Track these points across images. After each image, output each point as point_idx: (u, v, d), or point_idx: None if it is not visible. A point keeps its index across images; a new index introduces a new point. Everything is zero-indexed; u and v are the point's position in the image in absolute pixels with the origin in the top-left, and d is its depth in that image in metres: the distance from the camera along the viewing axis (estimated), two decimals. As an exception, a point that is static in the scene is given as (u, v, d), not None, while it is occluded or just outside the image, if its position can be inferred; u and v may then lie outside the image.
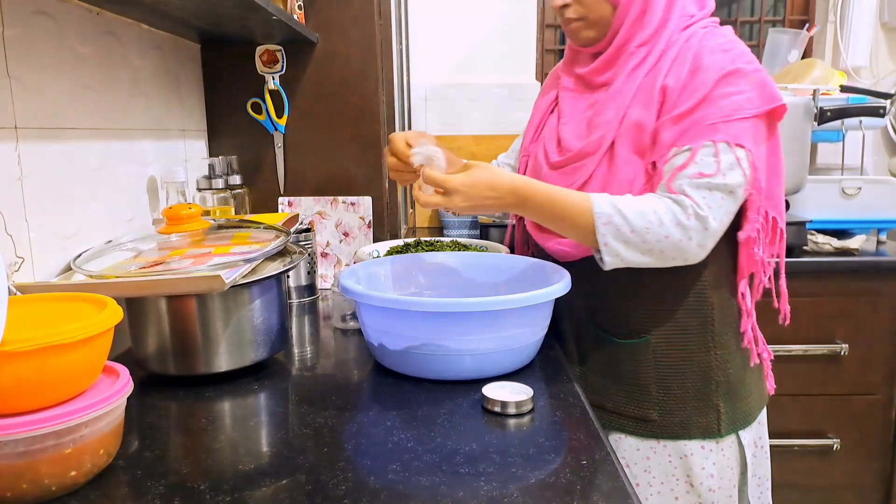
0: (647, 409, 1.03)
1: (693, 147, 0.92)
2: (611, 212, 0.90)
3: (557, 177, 1.04)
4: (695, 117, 0.93)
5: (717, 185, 0.90)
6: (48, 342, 0.60)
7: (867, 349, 1.85)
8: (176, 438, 0.78)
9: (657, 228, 0.90)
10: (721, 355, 1.02)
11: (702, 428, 1.01)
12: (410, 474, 0.67)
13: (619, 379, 1.04)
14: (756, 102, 0.93)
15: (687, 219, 0.90)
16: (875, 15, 2.35)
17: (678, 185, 0.91)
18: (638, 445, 1.04)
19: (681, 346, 1.02)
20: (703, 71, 0.93)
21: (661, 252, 0.91)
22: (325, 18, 1.49)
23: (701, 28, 1.00)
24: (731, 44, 0.97)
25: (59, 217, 0.99)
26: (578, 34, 1.04)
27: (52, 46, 0.98)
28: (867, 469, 1.92)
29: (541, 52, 2.50)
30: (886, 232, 2.01)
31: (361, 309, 0.96)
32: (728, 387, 1.02)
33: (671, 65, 0.97)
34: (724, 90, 0.92)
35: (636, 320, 1.03)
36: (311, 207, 1.54)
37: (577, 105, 1.07)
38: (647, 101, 0.97)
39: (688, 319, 1.02)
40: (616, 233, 0.90)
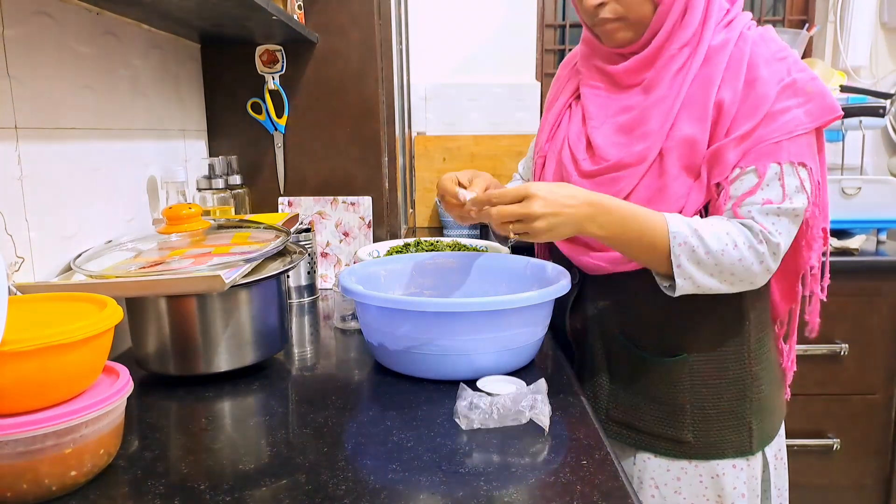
0: (682, 430, 0.98)
1: (758, 169, 0.88)
2: (687, 232, 0.86)
3: (590, 186, 0.95)
4: (758, 135, 0.89)
5: (785, 210, 0.88)
6: (48, 342, 0.60)
7: (867, 349, 1.85)
8: (176, 438, 0.78)
9: (732, 251, 0.86)
10: (756, 371, 0.99)
11: (735, 446, 0.98)
12: (410, 474, 0.67)
13: (653, 398, 0.99)
14: (816, 114, 0.90)
15: (759, 243, 0.87)
16: (875, 15, 2.35)
17: (746, 212, 0.89)
18: (668, 466, 0.99)
19: (717, 363, 0.98)
20: (761, 84, 0.89)
21: (732, 275, 0.88)
22: (325, 18, 1.49)
23: (746, 29, 0.94)
24: (784, 50, 0.92)
25: (59, 217, 0.99)
26: (614, 35, 0.96)
27: (52, 46, 0.98)
28: (867, 469, 1.92)
29: (541, 52, 2.50)
30: (886, 232, 2.01)
31: (361, 309, 0.96)
32: (760, 403, 0.99)
33: (724, 74, 0.91)
34: (784, 104, 0.89)
35: (672, 337, 0.98)
36: (311, 207, 1.54)
37: (607, 106, 1.00)
38: (699, 114, 0.91)
39: (725, 336, 0.98)
40: (691, 254, 0.86)
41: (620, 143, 0.96)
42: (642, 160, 0.93)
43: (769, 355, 1.02)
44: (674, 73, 0.93)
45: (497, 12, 2.42)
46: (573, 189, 0.87)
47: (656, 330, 0.99)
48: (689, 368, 0.97)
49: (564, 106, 1.07)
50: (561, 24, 2.52)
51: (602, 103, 1.00)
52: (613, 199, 0.89)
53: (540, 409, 0.77)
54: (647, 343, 0.99)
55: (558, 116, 1.07)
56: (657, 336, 0.99)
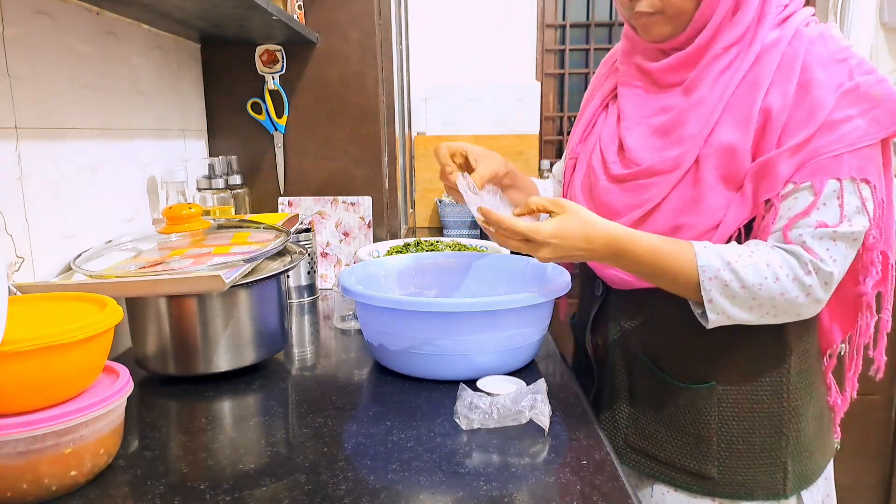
0: (706, 463, 0.89)
1: (815, 186, 0.78)
2: (718, 265, 0.79)
3: (618, 192, 0.89)
4: (814, 147, 0.78)
5: (842, 234, 0.79)
6: (48, 342, 0.60)
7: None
8: (176, 438, 0.78)
9: (772, 285, 0.78)
10: (796, 407, 0.89)
11: (765, 488, 0.88)
12: (410, 474, 0.67)
13: (676, 427, 0.90)
14: (884, 122, 0.79)
15: (806, 274, 0.79)
16: (875, 15, 2.35)
17: (796, 235, 0.79)
18: (689, 502, 0.91)
19: (751, 394, 0.88)
20: (817, 88, 0.79)
21: (774, 309, 0.80)
22: (325, 18, 1.49)
23: (803, 26, 0.84)
24: (845, 51, 0.81)
25: (59, 217, 0.99)
26: (650, 29, 0.88)
27: (52, 46, 0.98)
28: (867, 469, 1.92)
29: (541, 52, 2.50)
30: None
31: (361, 309, 0.96)
32: (798, 442, 0.89)
33: (773, 76, 0.81)
34: (845, 112, 0.78)
35: (700, 362, 0.89)
36: (311, 207, 1.54)
37: (644, 106, 0.92)
38: (742, 120, 0.82)
39: (762, 365, 0.88)
40: (723, 289, 0.79)
41: (654, 147, 0.88)
42: (676, 167, 0.85)
43: (814, 390, 0.92)
44: (717, 73, 0.85)
45: (497, 12, 2.42)
46: (589, 232, 0.80)
47: (683, 353, 0.90)
48: (717, 398, 0.88)
49: (600, 106, 1.00)
50: (561, 24, 2.52)
51: (639, 103, 0.93)
52: (633, 238, 0.81)
53: (540, 409, 0.76)
54: (672, 367, 0.91)
55: (593, 116, 1.00)
56: (684, 360, 0.90)
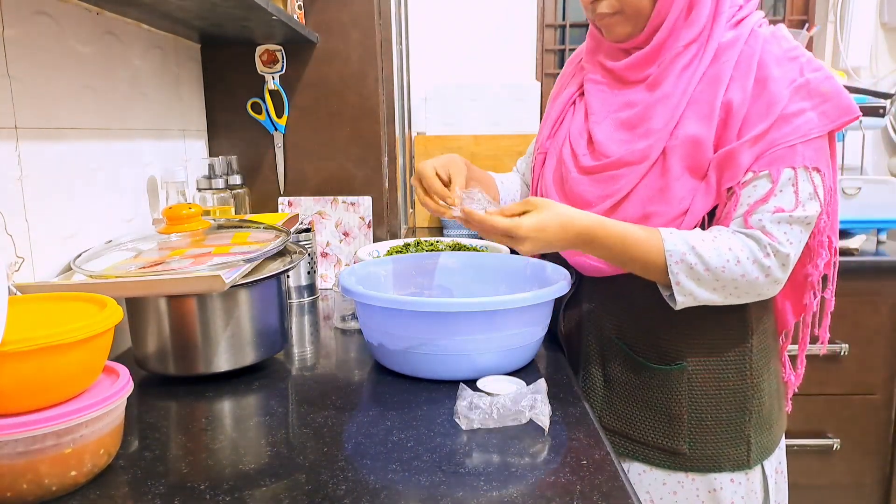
0: (678, 440, 0.95)
1: (772, 174, 0.86)
2: (683, 249, 0.85)
3: (589, 183, 0.95)
4: (772, 137, 0.85)
5: (797, 218, 0.86)
6: (48, 342, 0.60)
7: (867, 349, 1.85)
8: (176, 438, 0.78)
9: (734, 267, 0.85)
10: (758, 383, 0.96)
11: (732, 460, 0.95)
12: (410, 474, 0.67)
13: (649, 407, 0.97)
14: (831, 116, 0.86)
15: (765, 257, 0.85)
16: (875, 15, 2.35)
17: (756, 220, 0.86)
18: (664, 479, 0.97)
19: (718, 373, 0.95)
20: (773, 83, 0.86)
21: (737, 289, 0.87)
22: (325, 18, 1.49)
23: (757, 27, 0.91)
24: (797, 49, 0.89)
25: (59, 217, 0.99)
26: (613, 29, 0.94)
27: (52, 46, 0.98)
28: (867, 469, 1.92)
29: (541, 52, 2.50)
30: (886, 232, 2.01)
31: (361, 309, 0.96)
32: (761, 416, 0.96)
33: (732, 73, 0.88)
34: (798, 105, 0.85)
35: (671, 344, 0.95)
36: (311, 207, 1.54)
37: (609, 102, 0.97)
38: (705, 113, 0.88)
39: (727, 345, 0.95)
40: (689, 271, 0.85)
41: (622, 140, 0.93)
42: (644, 158, 0.91)
43: (772, 367, 0.99)
44: (680, 70, 0.91)
45: (497, 12, 2.42)
46: (565, 222, 0.85)
47: (655, 336, 0.96)
48: (687, 377, 0.95)
49: (568, 102, 1.04)
50: (561, 24, 2.52)
51: (604, 98, 0.98)
52: (605, 226, 0.86)
53: (540, 409, 0.77)
54: (644, 349, 0.97)
55: (561, 112, 1.05)
56: (656, 342, 0.96)
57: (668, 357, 0.96)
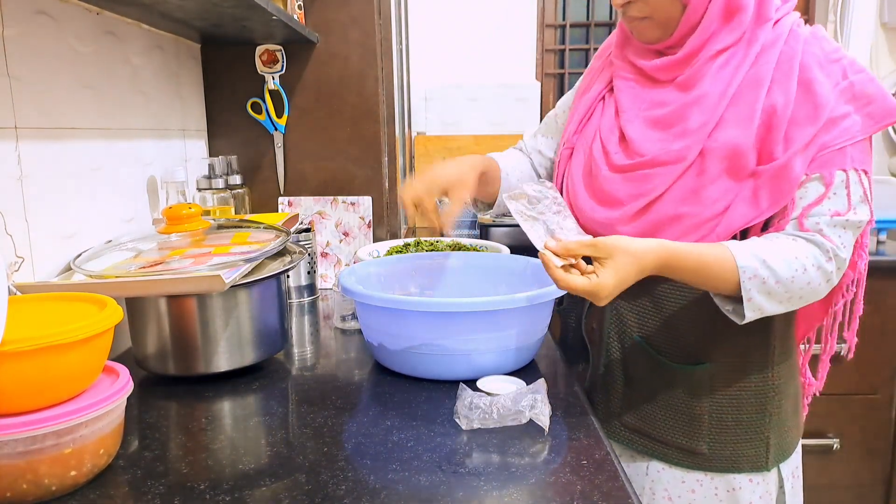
0: (697, 440, 0.94)
1: (825, 177, 0.85)
2: (755, 264, 0.82)
3: (621, 181, 0.92)
4: (821, 142, 0.85)
5: (851, 223, 0.86)
6: (48, 342, 0.60)
7: (867, 349, 1.85)
8: (176, 438, 0.78)
9: (801, 276, 0.83)
10: (778, 385, 0.95)
11: (751, 461, 0.94)
12: (410, 474, 0.67)
13: (669, 406, 0.95)
14: (877, 117, 0.86)
15: (827, 262, 0.84)
16: (875, 15, 2.35)
17: (813, 223, 0.85)
18: (683, 477, 0.95)
19: (740, 374, 0.93)
20: (818, 86, 0.85)
21: (801, 299, 0.85)
22: (325, 18, 1.49)
23: (796, 27, 0.89)
24: (838, 51, 0.88)
25: (59, 217, 0.99)
26: (642, 33, 0.93)
27: (52, 46, 0.98)
28: (867, 469, 1.92)
29: (541, 52, 2.50)
30: (886, 232, 2.01)
31: (361, 309, 0.96)
32: (779, 418, 0.95)
33: (773, 75, 0.86)
34: (844, 109, 0.85)
35: (695, 344, 0.93)
36: (311, 207, 1.54)
37: (640, 98, 0.95)
38: (745, 117, 0.86)
39: (749, 345, 0.93)
40: (761, 286, 0.82)
41: (656, 139, 0.91)
42: (681, 159, 0.88)
43: (792, 370, 0.98)
44: (717, 69, 0.89)
45: (497, 12, 2.42)
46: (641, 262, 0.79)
47: (679, 336, 0.94)
48: (710, 378, 0.93)
49: (597, 98, 1.02)
50: (561, 24, 2.52)
51: (635, 95, 0.96)
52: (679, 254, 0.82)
53: (540, 409, 0.76)
54: (668, 349, 0.95)
55: (590, 108, 1.02)
56: (679, 342, 0.94)
57: (692, 357, 0.94)
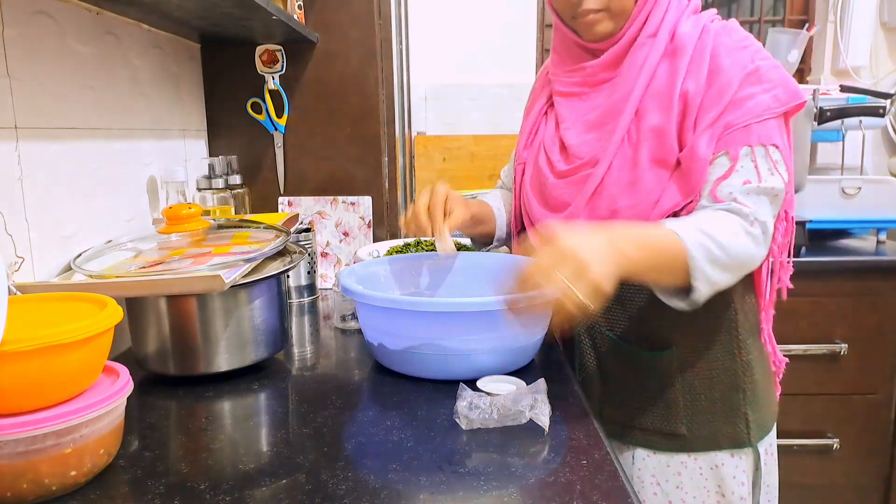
0: (676, 423, 0.97)
1: (730, 153, 0.88)
2: (697, 236, 0.82)
3: (564, 186, 0.98)
4: (725, 121, 0.88)
5: (763, 189, 0.87)
6: (48, 342, 0.60)
7: (867, 349, 1.85)
8: (176, 438, 0.78)
9: (736, 241, 0.84)
10: (747, 361, 0.98)
11: (731, 437, 0.97)
12: (410, 474, 0.67)
13: (645, 394, 0.99)
14: (782, 99, 0.89)
15: (751, 226, 0.86)
16: (875, 15, 2.35)
17: (726, 194, 0.87)
18: (668, 462, 0.99)
19: (708, 354, 0.97)
20: (725, 72, 0.89)
21: (741, 266, 0.86)
22: (325, 18, 1.49)
23: (709, 22, 0.95)
24: (747, 39, 0.93)
25: (59, 217, 0.99)
26: (594, 27, 0.95)
27: (52, 46, 0.98)
28: (867, 469, 1.92)
29: (541, 52, 2.49)
30: (886, 232, 2.01)
31: (361, 309, 0.96)
32: (754, 393, 0.98)
33: (688, 66, 0.91)
34: (749, 91, 0.89)
35: (660, 330, 0.97)
36: (311, 207, 1.54)
37: (578, 108, 1.01)
38: (664, 105, 0.91)
39: (713, 326, 0.97)
40: (707, 255, 0.82)
41: (591, 140, 0.97)
42: (612, 154, 0.94)
43: (760, 346, 1.02)
44: (639, 66, 0.94)
45: (497, 12, 2.42)
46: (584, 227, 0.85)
47: (643, 325, 0.98)
48: (679, 362, 0.97)
49: (540, 113, 1.08)
50: (561, 24, 2.52)
51: (574, 106, 1.01)
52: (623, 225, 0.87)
53: (540, 409, 0.76)
54: (634, 338, 0.98)
55: (534, 124, 1.09)
56: (645, 331, 0.98)
57: (658, 344, 0.97)
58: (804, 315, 1.80)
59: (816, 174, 2.18)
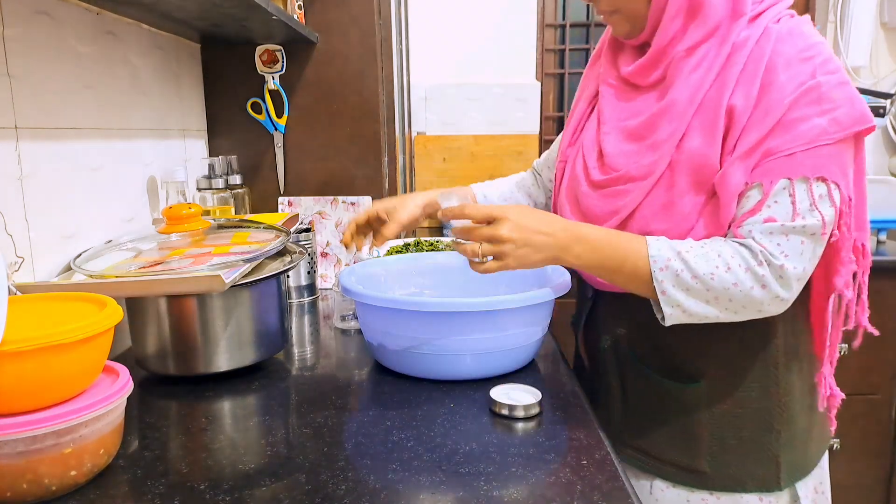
0: (697, 459, 0.89)
1: (764, 186, 0.78)
2: (668, 255, 0.78)
3: (597, 198, 0.90)
4: (767, 148, 0.78)
5: (792, 228, 0.77)
6: (48, 342, 0.60)
7: (868, 349, 1.85)
8: (176, 438, 0.78)
9: (724, 275, 0.77)
10: (786, 402, 0.88)
11: (758, 480, 0.89)
12: (410, 474, 0.67)
13: (667, 423, 0.91)
14: (844, 123, 0.77)
15: (758, 265, 0.77)
16: (875, 15, 2.35)
17: (746, 231, 0.79)
18: (688, 497, 0.91)
19: (739, 391, 0.88)
20: (778, 88, 0.77)
21: (731, 302, 0.79)
22: (325, 18, 1.49)
23: (773, 22, 0.82)
24: (813, 48, 0.79)
25: (59, 217, 0.99)
26: (615, 27, 0.91)
27: (52, 46, 0.98)
28: (867, 469, 1.92)
29: (541, 52, 2.50)
30: (886, 232, 2.01)
31: (361, 309, 0.96)
32: (790, 435, 0.89)
33: (738, 77, 0.80)
34: (803, 112, 0.77)
35: (687, 361, 0.89)
36: (311, 207, 1.54)
37: (620, 109, 0.92)
38: (710, 125, 0.81)
39: (748, 362, 0.88)
40: (675, 279, 0.78)
41: (629, 153, 0.88)
42: (649, 174, 0.84)
43: (807, 385, 0.92)
44: (687, 73, 0.83)
45: (497, 12, 2.42)
46: (550, 217, 0.82)
47: (670, 353, 0.90)
48: (706, 396, 0.89)
49: (587, 108, 1.00)
50: (561, 24, 2.52)
51: (615, 105, 0.93)
52: (592, 228, 0.83)
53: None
54: (660, 366, 0.91)
55: (580, 120, 1.01)
56: (671, 359, 0.90)
57: (685, 375, 0.90)
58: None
59: (816, 174, 2.18)
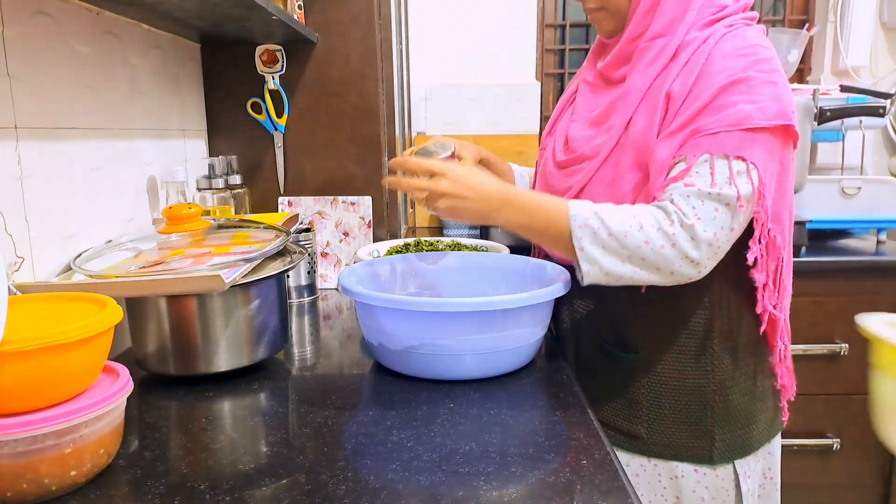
0: (636, 424, 0.98)
1: (688, 159, 0.85)
2: (587, 214, 0.85)
3: (560, 176, 1.01)
4: (693, 127, 0.85)
5: (708, 194, 0.83)
6: (48, 342, 0.60)
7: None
8: (176, 438, 0.78)
9: (637, 233, 0.83)
10: (720, 381, 0.96)
11: (691, 452, 0.97)
12: (410, 474, 0.67)
13: (613, 390, 1.00)
14: (769, 114, 0.83)
15: (669, 224, 0.83)
16: (875, 15, 2.35)
17: (666, 195, 0.85)
18: (628, 461, 1.00)
19: (676, 366, 0.96)
20: (709, 77, 0.85)
21: (643, 261, 0.84)
22: (325, 18, 1.49)
23: (725, 27, 0.90)
24: (752, 48, 0.87)
25: (59, 217, 0.99)
26: (601, 25, 0.99)
27: (52, 46, 0.98)
28: (867, 468, 1.92)
29: (541, 52, 2.50)
30: (886, 232, 2.01)
31: (361, 309, 0.96)
32: (727, 415, 0.96)
33: (682, 68, 0.88)
34: (730, 98, 0.84)
35: (632, 333, 0.98)
36: (311, 207, 1.54)
37: (592, 102, 1.02)
38: (652, 108, 0.90)
39: (685, 339, 0.96)
40: (592, 237, 0.85)
41: (588, 137, 0.99)
42: (597, 153, 0.95)
43: (749, 369, 0.97)
44: (644, 65, 0.92)
45: (497, 12, 2.42)
46: (486, 178, 0.90)
47: (618, 323, 0.99)
48: (645, 367, 0.98)
49: (566, 103, 1.10)
50: (561, 24, 2.52)
51: (588, 98, 1.03)
52: (521, 191, 0.91)
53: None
54: (610, 337, 1.00)
55: (560, 112, 1.11)
56: (618, 330, 0.99)
57: (630, 345, 0.99)
58: (804, 315, 1.79)
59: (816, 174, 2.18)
